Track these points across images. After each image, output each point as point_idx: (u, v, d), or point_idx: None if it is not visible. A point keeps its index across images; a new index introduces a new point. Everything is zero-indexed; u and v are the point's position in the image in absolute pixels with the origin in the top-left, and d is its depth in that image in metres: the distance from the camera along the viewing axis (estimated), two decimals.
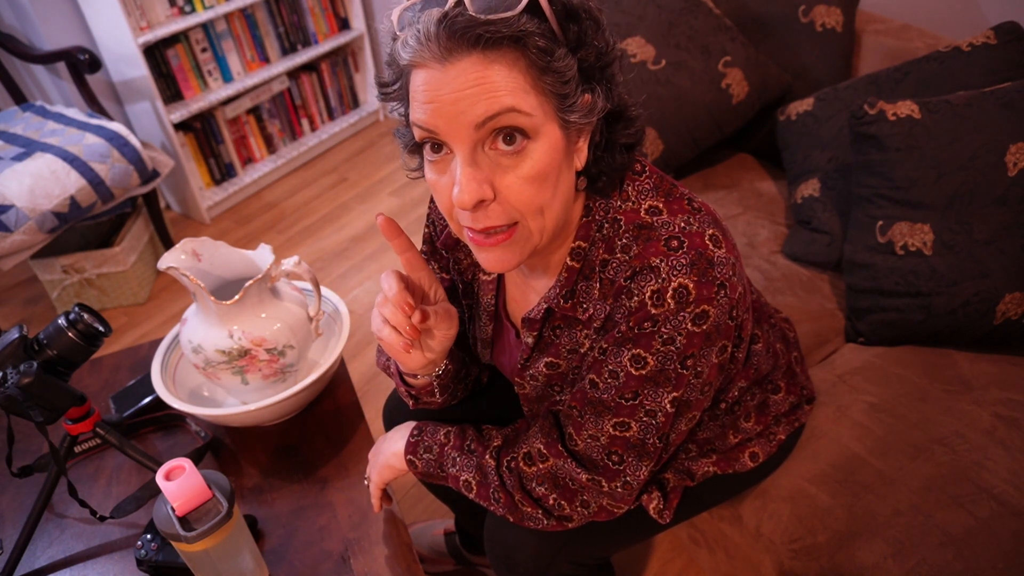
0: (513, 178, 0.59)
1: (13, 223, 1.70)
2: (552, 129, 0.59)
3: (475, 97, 0.55)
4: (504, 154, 0.58)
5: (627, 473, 0.73)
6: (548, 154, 0.59)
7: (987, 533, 0.89)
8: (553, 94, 0.58)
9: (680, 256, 0.63)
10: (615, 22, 1.56)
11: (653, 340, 0.65)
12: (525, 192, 0.60)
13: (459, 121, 0.56)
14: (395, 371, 0.86)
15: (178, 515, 0.70)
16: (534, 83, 0.56)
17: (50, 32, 2.13)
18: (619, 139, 0.65)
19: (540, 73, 0.56)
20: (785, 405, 0.92)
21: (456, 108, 0.56)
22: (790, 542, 0.96)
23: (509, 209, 0.61)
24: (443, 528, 1.34)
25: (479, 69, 0.55)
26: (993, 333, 1.15)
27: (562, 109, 0.59)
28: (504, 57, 0.55)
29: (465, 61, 0.55)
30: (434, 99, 0.56)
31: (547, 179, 0.60)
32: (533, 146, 0.58)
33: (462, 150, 0.58)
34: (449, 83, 0.55)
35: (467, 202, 0.58)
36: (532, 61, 0.56)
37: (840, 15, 1.56)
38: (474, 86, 0.55)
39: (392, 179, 2.67)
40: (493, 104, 0.55)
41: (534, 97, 0.57)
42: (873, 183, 1.21)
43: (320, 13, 2.71)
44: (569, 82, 0.58)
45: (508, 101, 0.55)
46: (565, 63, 0.57)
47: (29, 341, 0.84)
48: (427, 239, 0.89)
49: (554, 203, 0.62)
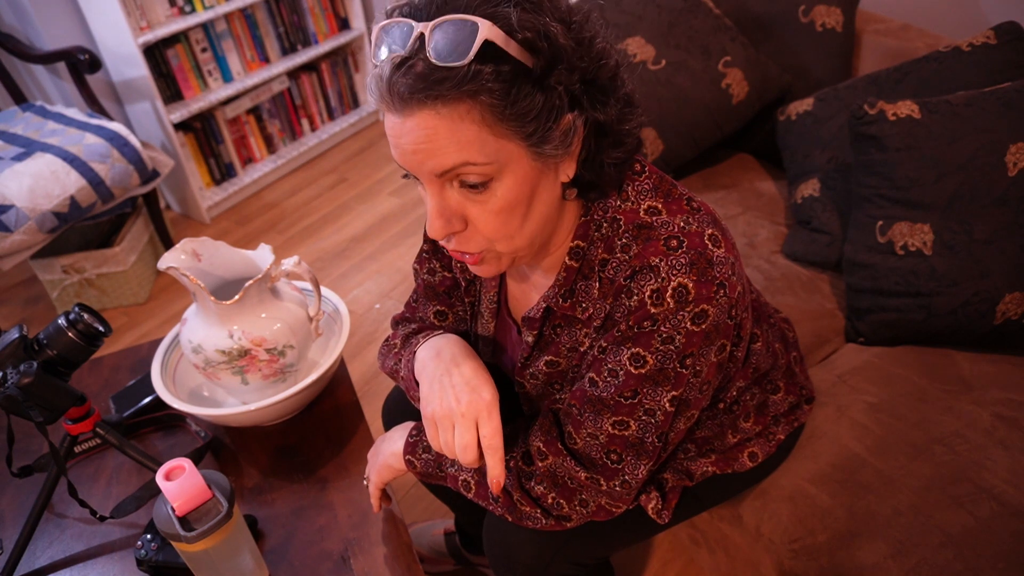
0: (481, 211, 0.61)
1: (13, 223, 1.70)
2: (520, 165, 0.59)
3: (430, 152, 0.57)
4: (471, 191, 0.60)
5: (626, 472, 0.73)
6: (515, 188, 0.60)
7: (987, 533, 0.89)
8: (515, 135, 0.57)
9: (680, 255, 0.63)
10: (615, 22, 1.56)
11: (652, 339, 0.65)
12: (492, 223, 0.62)
13: (421, 170, 0.59)
14: (408, 379, 0.85)
15: (178, 515, 0.70)
16: (491, 129, 0.56)
17: (50, 32, 2.13)
18: (605, 158, 0.64)
19: (497, 120, 0.56)
20: (784, 405, 0.92)
21: (416, 159, 0.58)
22: (790, 542, 0.96)
23: (479, 237, 0.63)
24: (443, 528, 1.34)
25: (432, 123, 0.56)
26: (993, 333, 1.15)
27: (532, 144, 0.59)
28: (455, 111, 0.55)
29: (419, 115, 0.56)
30: (398, 145, 0.59)
31: (515, 209, 0.62)
32: (496, 185, 0.60)
33: (430, 189, 0.61)
34: (407, 134, 0.57)
35: (438, 234, 0.62)
36: (486, 111, 0.55)
37: (840, 15, 1.56)
38: (427, 141, 0.57)
39: (392, 179, 2.67)
40: (447, 159, 0.57)
41: (492, 143, 0.57)
42: (873, 183, 1.21)
43: (320, 13, 2.71)
44: (531, 121, 0.57)
45: (458, 157, 0.57)
46: (527, 102, 0.56)
47: (29, 341, 0.84)
48: (428, 238, 0.89)
49: (526, 227, 0.64)
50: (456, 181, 0.60)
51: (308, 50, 2.69)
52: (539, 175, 0.61)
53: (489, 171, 0.58)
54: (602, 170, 0.65)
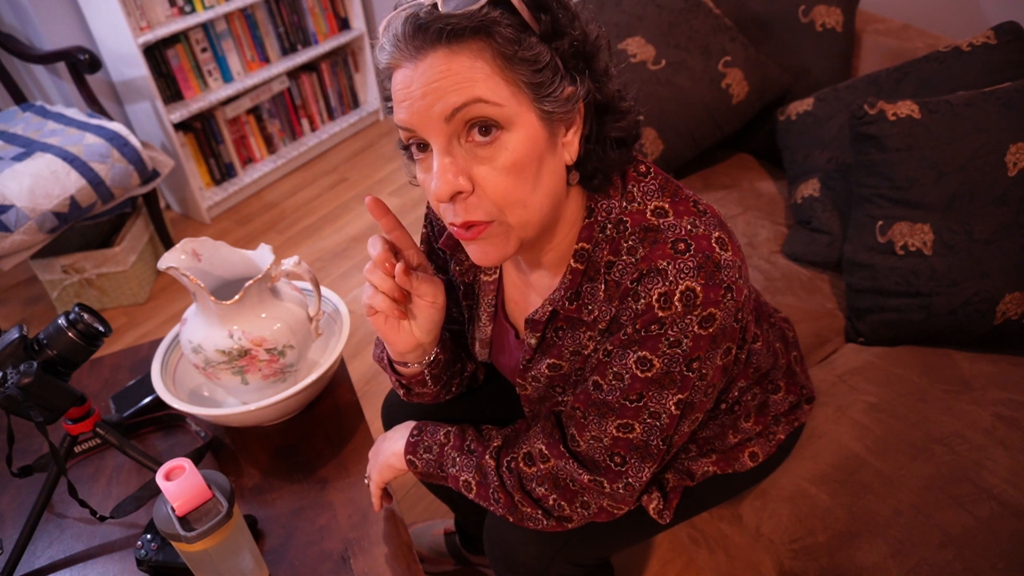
0: (489, 169, 0.59)
1: (13, 223, 1.70)
2: (529, 119, 0.59)
3: (442, 90, 0.56)
4: (479, 145, 0.59)
5: (629, 475, 0.73)
6: (525, 144, 0.59)
7: (987, 533, 0.89)
8: (526, 83, 0.58)
9: (687, 259, 0.63)
10: (615, 22, 1.56)
11: (659, 343, 0.65)
12: (502, 183, 0.60)
13: (430, 115, 0.57)
14: (387, 361, 0.86)
15: (178, 515, 0.70)
16: (503, 72, 0.57)
17: (50, 32, 2.13)
18: (610, 132, 0.65)
19: (508, 62, 0.57)
20: (784, 405, 0.92)
21: (425, 102, 0.57)
22: (790, 542, 0.96)
23: (487, 203, 0.61)
24: (443, 528, 1.34)
25: (445, 62, 0.56)
26: (993, 333, 1.15)
27: (538, 98, 0.59)
28: (469, 48, 0.56)
29: (431, 56, 0.56)
30: (407, 96, 0.58)
31: (525, 170, 0.60)
32: (508, 136, 0.59)
33: (437, 143, 0.59)
34: (418, 79, 0.57)
35: (443, 193, 0.59)
36: (498, 50, 0.56)
37: (840, 15, 1.56)
38: (440, 79, 0.56)
39: (392, 179, 2.67)
40: (459, 95, 0.56)
41: (504, 87, 0.57)
42: (873, 183, 1.21)
43: (320, 13, 2.71)
44: (543, 70, 0.58)
45: (474, 92, 0.56)
46: (536, 51, 0.57)
47: (29, 341, 0.84)
48: (425, 239, 0.89)
49: (535, 196, 0.62)
50: (466, 133, 0.59)
51: (308, 50, 2.69)
52: (546, 141, 0.61)
53: (500, 115, 0.57)
54: (604, 150, 0.65)
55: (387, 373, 0.88)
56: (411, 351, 0.78)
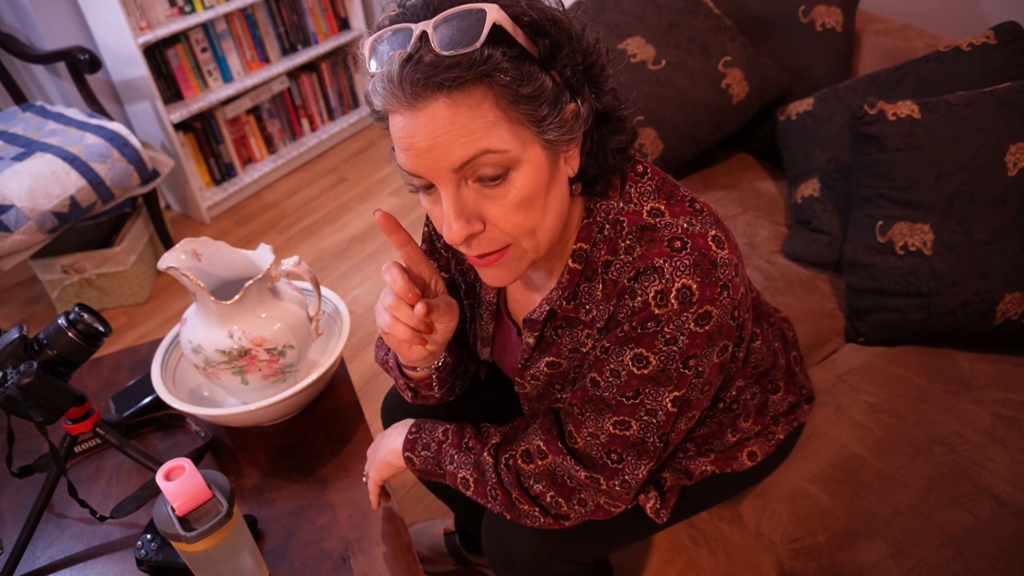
0: (500, 207, 0.60)
1: (13, 223, 1.70)
2: (534, 153, 0.59)
3: (448, 144, 0.55)
4: (488, 186, 0.59)
5: (626, 472, 0.73)
6: (532, 178, 0.59)
7: (987, 533, 0.89)
8: (528, 120, 0.57)
9: (683, 257, 0.63)
10: (615, 22, 1.56)
11: (656, 340, 0.65)
12: (513, 218, 0.60)
13: (437, 166, 0.57)
14: (394, 364, 0.86)
15: (178, 515, 0.70)
16: (507, 114, 0.56)
17: (50, 32, 2.13)
18: (610, 144, 0.65)
19: (511, 103, 0.56)
20: (784, 405, 0.92)
21: (432, 155, 0.56)
22: (790, 542, 0.96)
23: (500, 235, 0.62)
24: (443, 528, 1.34)
25: (448, 113, 0.54)
26: (993, 333, 1.15)
27: (541, 131, 0.58)
28: (471, 96, 0.54)
29: (433, 106, 0.55)
30: (410, 146, 0.57)
31: (535, 201, 0.60)
32: (515, 175, 0.59)
33: (446, 189, 0.59)
34: (420, 130, 0.56)
35: (457, 239, 0.60)
36: (501, 94, 0.55)
37: (840, 15, 1.56)
38: (444, 132, 0.55)
39: (392, 179, 2.67)
40: (466, 149, 0.56)
41: (508, 130, 0.56)
42: (873, 183, 1.21)
43: (320, 13, 2.71)
44: (543, 104, 0.57)
45: (481, 144, 0.56)
46: (538, 84, 0.56)
47: (29, 341, 0.84)
48: (426, 238, 0.89)
49: (546, 221, 0.62)
50: (472, 178, 0.59)
51: (308, 50, 2.69)
52: (551, 167, 0.61)
53: (508, 160, 0.57)
54: (606, 159, 0.65)
55: (394, 376, 0.89)
56: (422, 360, 0.78)
